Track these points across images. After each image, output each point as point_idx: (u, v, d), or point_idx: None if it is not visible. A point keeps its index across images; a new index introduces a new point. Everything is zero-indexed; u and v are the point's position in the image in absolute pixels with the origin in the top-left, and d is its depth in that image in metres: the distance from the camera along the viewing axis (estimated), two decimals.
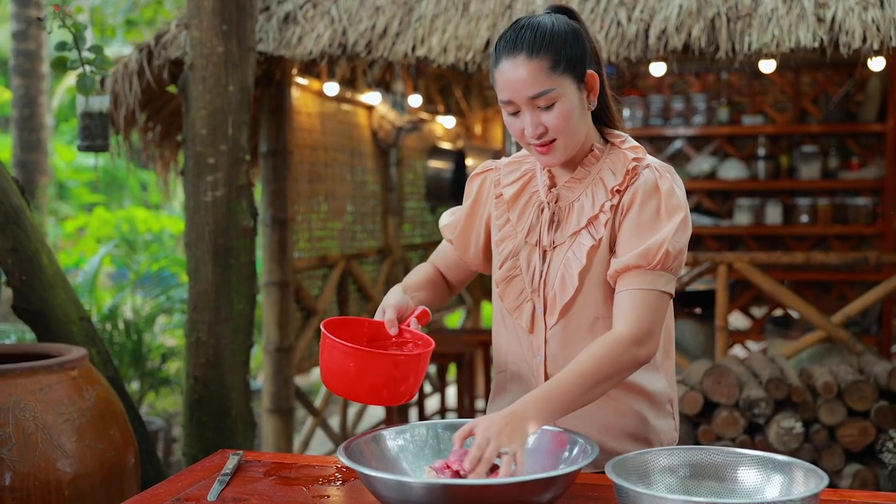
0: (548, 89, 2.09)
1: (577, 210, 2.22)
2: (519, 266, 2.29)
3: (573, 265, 2.20)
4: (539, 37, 2.10)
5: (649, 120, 7.93)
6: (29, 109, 10.37)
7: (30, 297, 3.80)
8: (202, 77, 4.13)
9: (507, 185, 2.34)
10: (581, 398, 2.04)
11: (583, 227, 2.21)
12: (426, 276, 2.49)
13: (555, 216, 2.25)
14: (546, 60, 2.09)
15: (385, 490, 1.82)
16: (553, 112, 2.11)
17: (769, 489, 1.85)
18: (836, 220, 7.58)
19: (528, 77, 2.09)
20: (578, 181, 2.24)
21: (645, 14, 4.60)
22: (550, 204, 2.26)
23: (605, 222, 2.18)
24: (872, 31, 4.27)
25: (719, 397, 4.70)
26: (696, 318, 6.49)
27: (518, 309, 2.29)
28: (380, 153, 7.48)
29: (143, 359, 7.11)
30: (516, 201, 2.32)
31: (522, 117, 2.14)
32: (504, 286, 2.30)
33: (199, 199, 4.16)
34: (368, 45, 4.92)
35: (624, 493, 1.72)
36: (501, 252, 2.32)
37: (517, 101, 2.12)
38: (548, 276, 2.25)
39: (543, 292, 2.25)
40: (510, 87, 2.12)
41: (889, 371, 4.66)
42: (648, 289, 2.13)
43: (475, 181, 2.42)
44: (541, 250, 2.26)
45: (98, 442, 3.25)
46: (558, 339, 2.25)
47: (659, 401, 2.31)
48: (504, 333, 2.37)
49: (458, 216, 2.46)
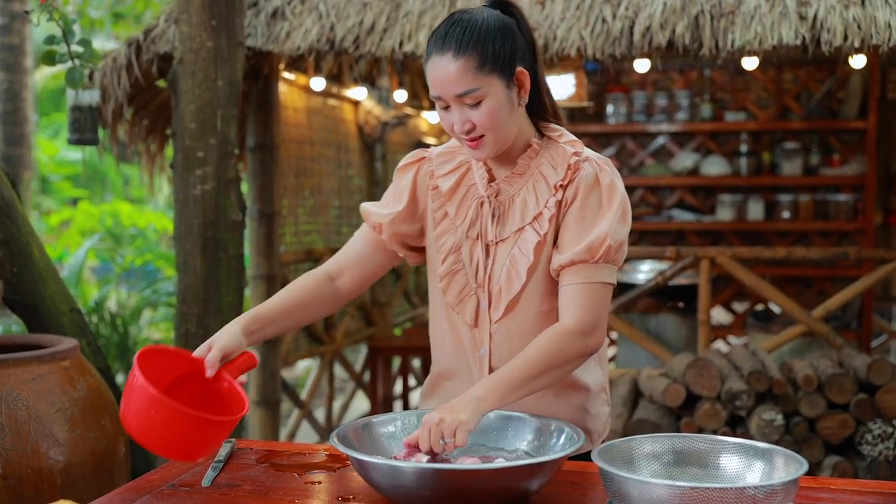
0: (473, 88, 2.10)
1: (520, 205, 2.23)
2: (462, 260, 2.28)
3: (520, 261, 2.22)
4: (467, 35, 2.10)
5: (633, 116, 7.96)
6: (12, 104, 10.34)
7: (21, 288, 3.83)
8: (191, 72, 4.15)
9: (442, 177, 2.32)
10: (529, 385, 2.08)
11: (527, 223, 2.22)
12: (290, 301, 2.34)
13: (496, 211, 2.25)
14: (473, 59, 2.09)
15: (377, 475, 1.86)
16: (480, 110, 2.12)
17: (750, 475, 1.89)
18: (817, 217, 7.63)
19: (455, 75, 2.09)
20: (518, 176, 2.25)
21: (630, 11, 4.65)
22: (491, 199, 2.25)
23: (549, 218, 2.20)
24: (854, 29, 4.32)
25: (701, 390, 4.74)
26: (678, 313, 6.53)
27: (461, 303, 2.28)
28: (365, 148, 7.50)
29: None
30: (454, 194, 2.30)
31: (452, 112, 2.14)
32: (448, 281, 2.29)
33: (188, 193, 4.19)
34: (356, 40, 4.95)
35: (610, 479, 1.76)
36: (442, 246, 2.30)
37: (445, 97, 2.12)
38: (493, 271, 2.25)
39: (488, 287, 2.26)
40: (438, 84, 2.12)
41: (868, 365, 4.71)
42: (593, 282, 2.17)
43: (408, 171, 2.37)
44: (483, 245, 2.26)
45: (89, 431, 3.28)
46: (503, 332, 2.26)
47: (596, 391, 2.35)
48: (443, 328, 2.36)
49: (394, 206, 2.36)
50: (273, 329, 2.30)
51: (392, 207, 2.36)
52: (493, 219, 2.25)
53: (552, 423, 2.12)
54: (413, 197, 2.35)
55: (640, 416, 4.81)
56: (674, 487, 1.66)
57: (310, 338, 6.59)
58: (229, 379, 2.11)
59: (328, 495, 2.01)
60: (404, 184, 2.36)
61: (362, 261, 2.40)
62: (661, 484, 1.67)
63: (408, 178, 2.36)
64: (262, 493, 2.00)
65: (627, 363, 6.33)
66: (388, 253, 2.40)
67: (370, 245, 2.40)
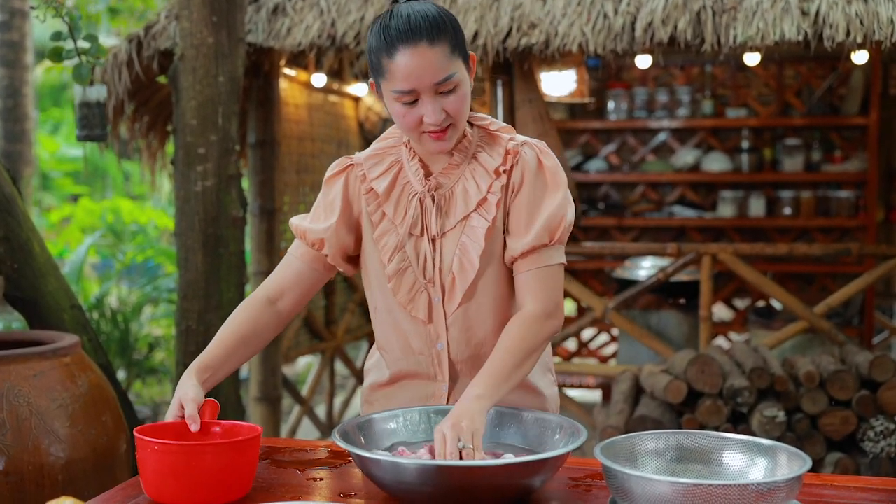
0: (451, 73, 2.10)
1: (461, 195, 2.23)
2: (408, 258, 2.25)
3: (470, 249, 2.22)
4: (434, 23, 2.09)
5: (634, 112, 7.96)
6: (13, 100, 10.34)
7: (22, 285, 3.83)
8: (192, 68, 4.15)
9: (375, 179, 2.27)
10: (516, 374, 2.11)
11: (472, 210, 2.21)
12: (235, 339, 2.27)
13: (440, 204, 2.24)
14: (445, 45, 2.09)
15: (379, 471, 1.86)
16: (454, 96, 2.12)
17: (754, 472, 1.88)
18: (818, 213, 7.63)
19: (433, 63, 2.08)
20: (455, 167, 2.24)
21: (631, 7, 4.64)
22: (432, 193, 2.24)
23: (496, 203, 2.20)
24: (856, 24, 4.32)
25: (703, 386, 4.74)
26: (680, 309, 6.53)
27: (413, 301, 2.26)
28: (366, 144, 7.47)
29: (130, 348, 7.13)
30: (390, 194, 2.26)
31: (422, 106, 2.11)
32: (397, 280, 2.25)
33: (189, 189, 4.18)
34: (357, 36, 4.94)
35: (613, 476, 1.76)
36: (384, 247, 2.26)
37: (420, 88, 2.09)
38: (442, 264, 2.25)
39: (440, 280, 2.25)
40: (413, 76, 2.08)
41: (870, 361, 4.71)
42: (551, 264, 2.21)
43: (338, 179, 2.32)
44: (429, 239, 2.24)
45: (90, 428, 3.28)
46: (460, 323, 2.26)
47: (546, 370, 2.40)
48: (386, 331, 2.34)
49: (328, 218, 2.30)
50: (223, 373, 2.24)
51: (327, 220, 2.31)
52: (437, 212, 2.23)
53: (552, 419, 2.12)
54: (346, 204, 2.30)
55: (641, 412, 4.81)
56: (677, 484, 1.66)
57: (311, 334, 6.59)
58: (217, 422, 2.08)
59: (330, 492, 2.01)
60: (335, 193, 2.32)
61: (302, 280, 2.35)
62: (664, 481, 1.67)
63: (338, 187, 2.32)
64: (263, 489, 2.00)
65: (629, 360, 6.32)
66: (327, 268, 2.35)
67: (308, 263, 2.34)
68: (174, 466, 1.87)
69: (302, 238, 2.33)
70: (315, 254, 2.33)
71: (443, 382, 2.30)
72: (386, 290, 2.29)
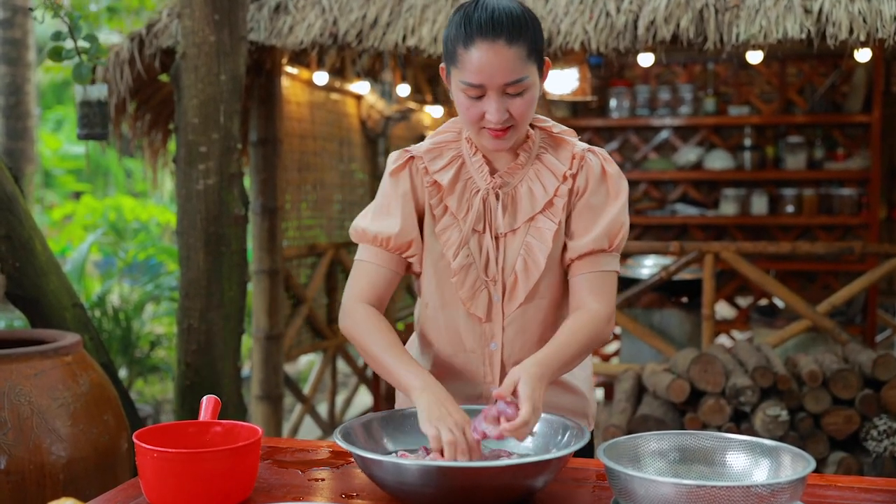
0: (523, 77, 2.09)
1: (527, 195, 2.23)
2: (471, 254, 2.24)
3: (536, 250, 2.22)
4: (517, 23, 2.08)
5: (636, 110, 7.95)
6: (15, 97, 10.35)
7: (23, 283, 3.82)
8: (194, 66, 4.14)
9: (437, 172, 2.26)
10: (570, 365, 2.13)
11: (538, 211, 2.22)
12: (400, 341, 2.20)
13: (505, 202, 2.24)
14: (524, 47, 2.08)
15: (380, 472, 1.85)
16: (521, 99, 2.11)
17: (757, 473, 1.88)
18: (821, 211, 7.63)
19: (507, 63, 2.06)
20: (520, 167, 2.24)
21: (633, 5, 4.63)
22: (496, 190, 2.24)
23: (562, 206, 2.22)
24: (859, 22, 4.31)
25: (706, 385, 4.73)
26: (682, 308, 6.52)
27: (473, 298, 2.25)
28: (368, 142, 7.49)
29: (132, 346, 7.13)
30: (453, 188, 2.25)
31: (486, 102, 2.10)
32: (461, 276, 2.23)
33: (190, 188, 4.18)
34: (359, 34, 4.94)
35: (615, 477, 1.75)
36: (447, 242, 2.24)
37: (489, 85, 2.08)
38: (505, 263, 2.24)
39: (502, 279, 2.24)
40: (485, 72, 2.07)
41: (873, 360, 4.70)
42: (609, 270, 2.24)
43: (402, 172, 2.28)
44: (492, 237, 2.24)
45: (92, 427, 3.28)
46: (517, 324, 2.26)
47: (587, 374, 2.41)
48: (439, 326, 2.32)
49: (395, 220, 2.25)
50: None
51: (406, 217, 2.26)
52: (503, 210, 2.23)
53: (555, 419, 2.11)
54: (415, 197, 2.28)
55: (643, 411, 4.80)
56: (680, 485, 1.65)
57: (312, 332, 6.59)
58: (220, 423, 2.07)
59: (331, 492, 2.00)
60: (404, 186, 2.28)
61: (392, 286, 2.29)
62: (666, 482, 1.66)
63: (404, 179, 2.28)
64: (264, 490, 1.99)
65: (631, 358, 6.32)
66: (406, 267, 2.32)
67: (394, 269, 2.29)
68: (174, 473, 1.86)
69: (382, 245, 2.26)
70: (398, 258, 2.28)
71: (492, 383, 2.29)
72: (444, 285, 2.28)
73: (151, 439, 1.94)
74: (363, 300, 2.25)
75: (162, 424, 2.04)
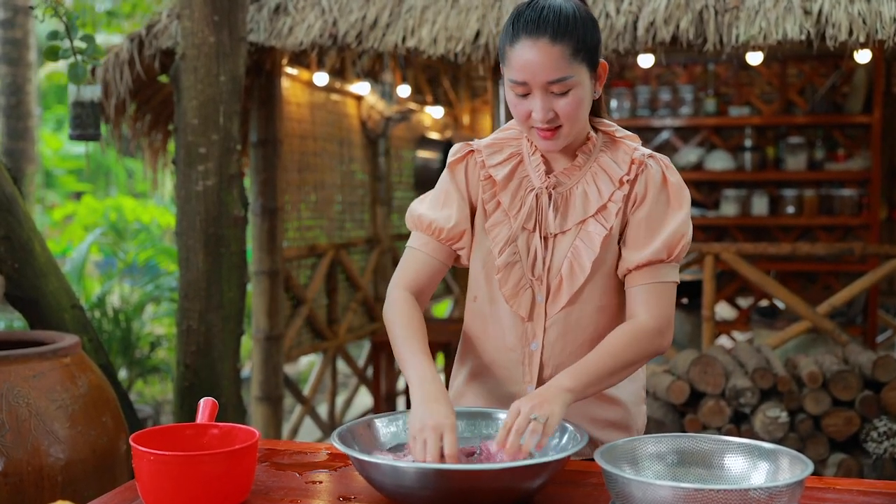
0: (566, 76, 2.07)
1: (580, 198, 2.21)
2: (518, 252, 2.24)
3: (583, 254, 2.20)
4: (563, 21, 2.06)
5: (637, 111, 7.95)
6: (16, 97, 10.36)
7: (22, 284, 3.82)
8: (194, 67, 4.15)
9: (493, 167, 2.27)
10: (608, 380, 2.10)
11: (590, 215, 2.20)
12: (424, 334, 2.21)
13: (557, 202, 2.22)
14: (568, 46, 2.06)
15: (378, 475, 1.85)
16: (567, 99, 2.09)
17: (755, 476, 1.88)
18: (821, 212, 7.62)
19: (550, 61, 2.05)
20: (577, 168, 2.23)
21: (633, 6, 4.63)
22: (550, 190, 2.23)
23: (615, 212, 2.19)
24: (858, 23, 4.31)
25: (705, 387, 4.73)
26: (683, 309, 6.53)
27: (516, 296, 2.25)
28: (368, 143, 7.49)
29: (132, 347, 7.13)
30: (507, 184, 2.26)
31: (532, 100, 2.10)
32: (506, 273, 2.24)
33: (190, 189, 4.18)
34: (359, 35, 4.94)
35: (613, 480, 1.75)
36: (496, 237, 2.26)
37: (532, 83, 2.08)
38: (551, 264, 2.23)
39: (547, 280, 2.23)
40: (528, 69, 2.07)
41: (873, 361, 4.70)
42: (667, 281, 2.19)
43: (460, 165, 2.32)
44: (542, 236, 2.23)
45: (90, 428, 3.27)
46: (559, 326, 2.24)
47: (641, 387, 2.38)
48: (485, 321, 2.33)
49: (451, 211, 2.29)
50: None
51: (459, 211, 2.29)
52: (554, 210, 2.22)
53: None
54: (469, 192, 2.30)
55: None
56: (677, 489, 1.65)
57: (312, 333, 6.59)
58: (217, 426, 2.07)
59: (329, 495, 2.00)
60: (460, 179, 2.31)
61: (436, 276, 2.32)
62: (664, 485, 1.66)
63: (461, 172, 2.31)
64: (262, 492, 1.99)
65: None
66: (453, 258, 2.34)
67: (442, 260, 2.31)
68: (170, 476, 1.86)
69: (434, 235, 2.30)
70: (448, 249, 2.31)
71: (530, 384, 2.28)
72: (491, 281, 2.28)
73: (148, 442, 1.94)
74: (406, 287, 2.29)
75: (159, 427, 2.04)
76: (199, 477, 1.86)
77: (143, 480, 1.89)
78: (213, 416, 2.09)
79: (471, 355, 2.39)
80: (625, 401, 2.33)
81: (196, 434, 2.05)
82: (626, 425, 2.33)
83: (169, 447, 1.96)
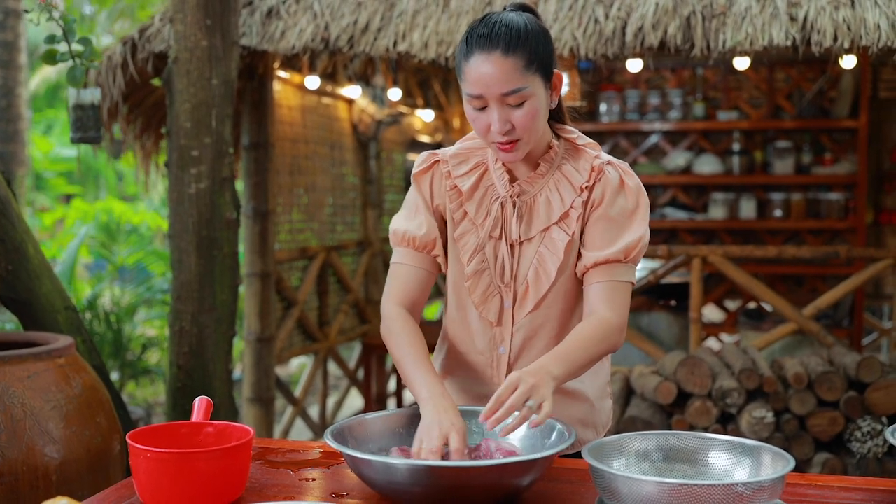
0: (520, 87, 2.10)
1: (544, 205, 2.26)
2: (486, 260, 2.29)
3: (548, 260, 2.25)
4: (515, 34, 2.10)
5: (626, 115, 7.99)
6: (7, 100, 10.36)
7: (16, 286, 3.84)
8: (186, 70, 4.17)
9: (459, 177, 2.31)
10: (578, 372, 2.13)
11: (553, 222, 2.25)
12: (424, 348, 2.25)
13: (521, 210, 2.27)
14: (521, 59, 2.10)
15: (370, 472, 1.88)
16: (522, 110, 2.12)
17: (739, 472, 1.91)
18: (808, 215, 7.67)
19: (503, 74, 2.09)
20: (540, 176, 2.27)
21: (622, 12, 4.67)
22: (514, 198, 2.27)
23: (576, 218, 2.24)
24: (843, 30, 4.35)
25: (692, 387, 4.77)
26: (670, 311, 6.56)
27: (486, 303, 2.30)
28: (360, 146, 7.52)
29: (124, 349, 7.14)
30: (473, 194, 2.30)
31: (489, 113, 2.13)
32: (475, 280, 2.29)
33: (182, 191, 4.20)
34: (351, 39, 4.97)
35: (599, 476, 1.78)
36: (464, 246, 2.31)
37: (487, 96, 2.11)
38: (518, 271, 2.28)
39: (514, 286, 2.29)
40: (482, 83, 2.10)
41: (858, 363, 4.75)
42: (624, 281, 2.24)
43: (425, 176, 2.36)
44: (508, 244, 2.28)
45: (85, 429, 3.30)
46: (525, 330, 2.30)
47: (605, 382, 2.44)
48: (455, 325, 2.39)
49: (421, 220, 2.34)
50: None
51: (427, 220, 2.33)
52: (518, 218, 2.27)
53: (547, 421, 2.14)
54: (434, 201, 2.35)
55: (631, 413, 4.84)
56: (662, 484, 1.68)
57: (304, 335, 6.61)
58: (212, 424, 2.10)
59: (322, 492, 2.03)
60: (425, 189, 2.35)
61: (425, 286, 2.36)
62: (649, 481, 1.70)
63: (426, 183, 2.35)
64: (255, 489, 2.02)
65: (619, 361, 6.35)
66: (437, 267, 2.38)
67: (426, 268, 2.36)
68: (167, 473, 1.89)
69: (410, 245, 2.34)
70: (428, 257, 2.35)
71: (498, 385, 2.31)
72: (461, 288, 2.33)
73: (144, 440, 1.97)
74: (398, 302, 2.32)
75: (155, 425, 2.07)
76: (195, 474, 1.89)
77: (140, 478, 1.92)
78: (208, 414, 2.12)
79: (444, 351, 2.45)
80: (590, 396, 2.38)
81: (191, 432, 2.08)
82: (591, 422, 2.38)
83: (165, 445, 1.99)
